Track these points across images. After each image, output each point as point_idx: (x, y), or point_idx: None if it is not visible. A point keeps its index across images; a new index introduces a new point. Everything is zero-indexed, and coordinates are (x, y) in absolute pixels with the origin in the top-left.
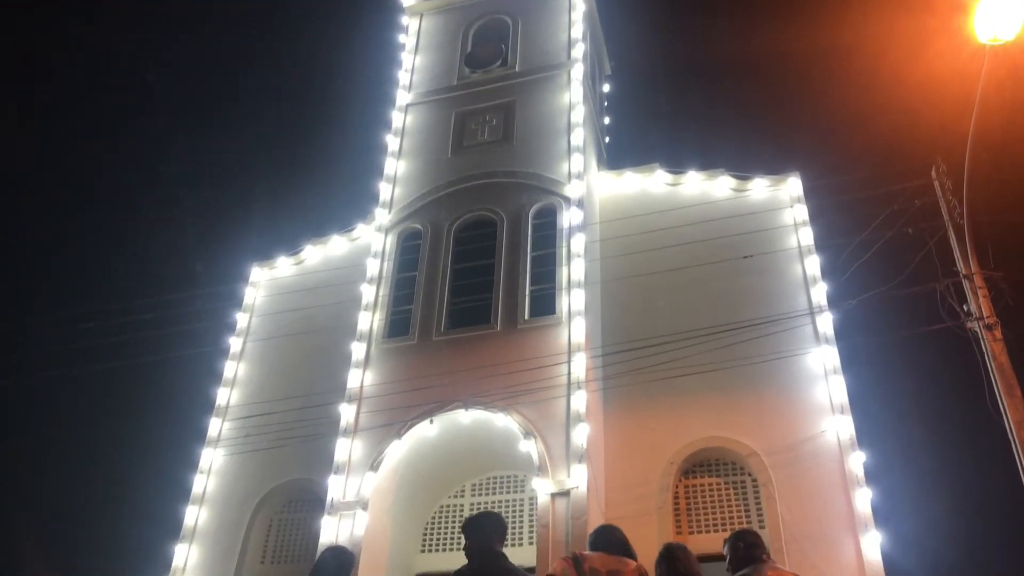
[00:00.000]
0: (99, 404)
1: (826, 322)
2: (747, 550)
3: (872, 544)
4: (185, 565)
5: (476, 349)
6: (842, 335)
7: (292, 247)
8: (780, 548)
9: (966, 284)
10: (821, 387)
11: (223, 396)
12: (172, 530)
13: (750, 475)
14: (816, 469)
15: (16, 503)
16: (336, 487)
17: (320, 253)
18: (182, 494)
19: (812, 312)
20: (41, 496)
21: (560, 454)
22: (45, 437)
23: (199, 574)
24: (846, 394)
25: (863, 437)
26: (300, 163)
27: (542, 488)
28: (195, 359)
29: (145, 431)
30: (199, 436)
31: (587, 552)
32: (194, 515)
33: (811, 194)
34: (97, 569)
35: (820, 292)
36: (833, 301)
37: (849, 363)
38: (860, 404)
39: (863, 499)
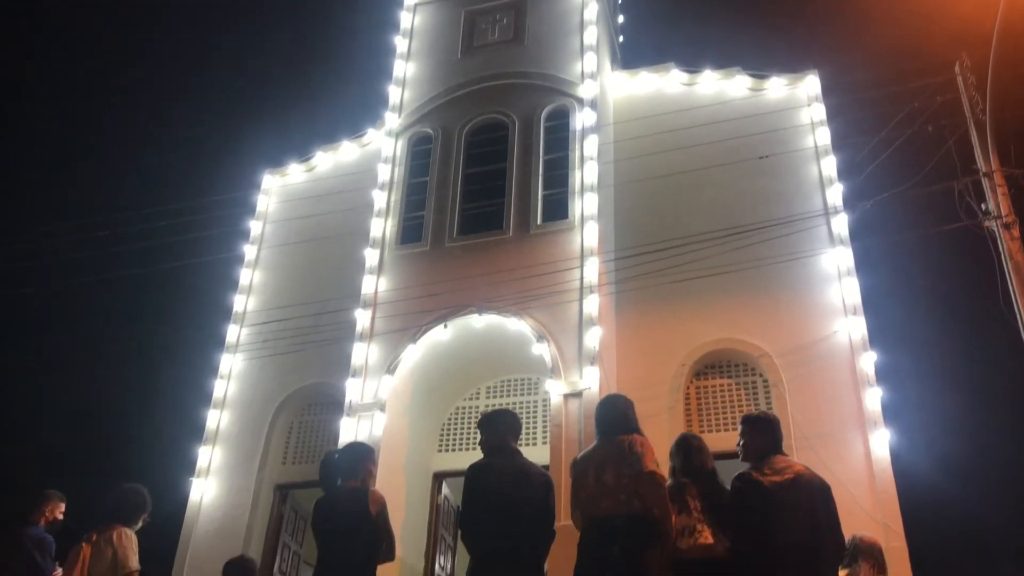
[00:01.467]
0: (119, 311)
1: (841, 223)
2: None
3: (881, 442)
4: (209, 466)
5: (489, 255)
6: (857, 236)
7: (303, 153)
8: (790, 447)
9: (985, 182)
10: (834, 288)
11: (240, 303)
12: (196, 432)
13: (761, 376)
14: (827, 369)
15: (41, 410)
16: (354, 390)
17: (331, 159)
18: (204, 398)
19: (827, 213)
20: (66, 401)
21: (573, 357)
22: (69, 343)
23: (223, 475)
24: (859, 295)
25: (875, 337)
26: (309, 68)
27: (555, 389)
28: (211, 267)
29: (165, 337)
30: (218, 342)
31: None
32: (216, 419)
33: (829, 92)
34: (125, 470)
35: (836, 193)
36: (849, 202)
37: (863, 264)
38: (873, 304)
39: (873, 398)
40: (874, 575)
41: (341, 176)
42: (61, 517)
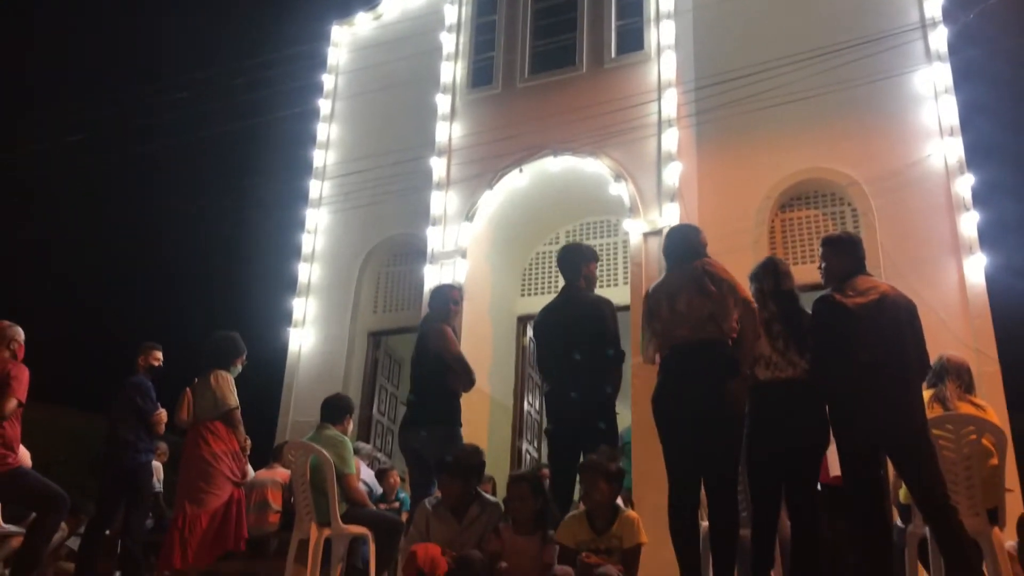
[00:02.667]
0: (203, 172)
1: (939, 37)
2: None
3: (976, 267)
4: (304, 318)
5: (562, 93)
6: (956, 50)
7: (369, 2)
8: (879, 276)
9: None
10: (929, 108)
11: (319, 158)
12: (290, 285)
13: (849, 205)
14: (920, 195)
15: (147, 269)
16: (435, 238)
17: (398, 5)
18: (294, 252)
19: (924, 26)
20: (168, 262)
21: (652, 194)
22: (162, 205)
23: (318, 324)
24: (957, 114)
25: (972, 158)
26: None
27: (634, 229)
28: (290, 122)
29: (251, 195)
30: (302, 197)
31: None
32: (307, 272)
33: None
34: (228, 323)
35: (934, 4)
36: (948, 13)
37: (962, 81)
38: (972, 124)
39: (969, 222)
40: (960, 394)
41: (409, 21)
42: (158, 364)
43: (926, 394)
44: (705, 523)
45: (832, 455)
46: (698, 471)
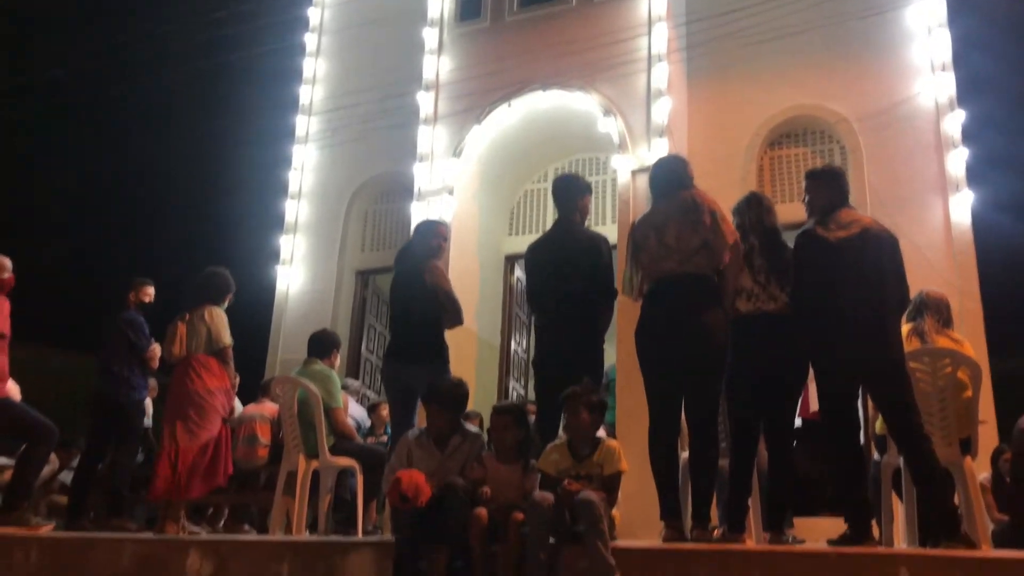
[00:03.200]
0: (188, 108)
1: None
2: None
3: (962, 205)
4: (292, 255)
5: (551, 27)
6: None
7: None
8: (866, 214)
9: None
10: (921, 44)
11: (306, 94)
12: (277, 223)
13: (838, 143)
14: (908, 132)
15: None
16: (422, 175)
17: None
18: (281, 189)
19: None
20: (149, 197)
21: (641, 131)
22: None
23: (306, 264)
24: (949, 50)
25: (964, 95)
26: None
27: (623, 166)
28: (275, 57)
29: (237, 131)
30: (288, 134)
31: None
32: (294, 209)
33: None
34: (215, 260)
35: None
36: None
37: (955, 15)
38: (964, 59)
39: (957, 160)
40: (938, 328)
41: None
42: (149, 300)
43: (905, 328)
44: (685, 454)
45: (812, 392)
46: (679, 403)
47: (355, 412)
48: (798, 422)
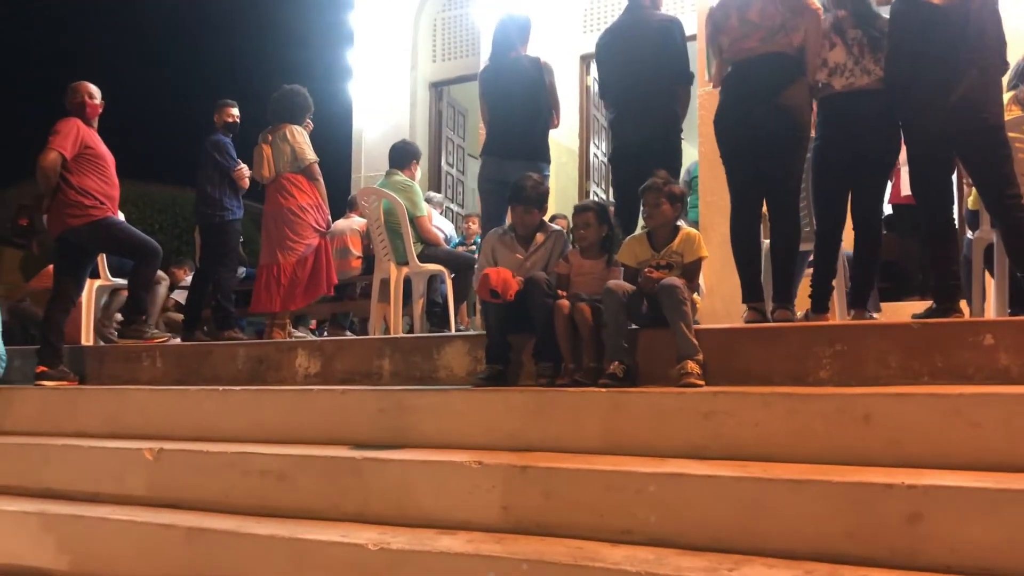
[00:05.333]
0: None
1: None
2: None
3: None
4: (364, 72)
5: None
6: None
7: None
8: None
9: None
10: None
11: None
12: (346, 39)
13: None
14: None
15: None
16: None
17: None
18: (347, 3)
19: None
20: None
21: None
22: None
23: (379, 79)
24: None
25: None
26: None
27: None
28: None
29: None
30: None
31: None
32: (362, 24)
33: None
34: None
35: None
36: None
37: None
38: None
39: None
40: None
41: None
42: (234, 120)
43: (1005, 96)
44: (767, 241)
45: (903, 178)
46: (761, 186)
47: (441, 224)
48: (888, 209)
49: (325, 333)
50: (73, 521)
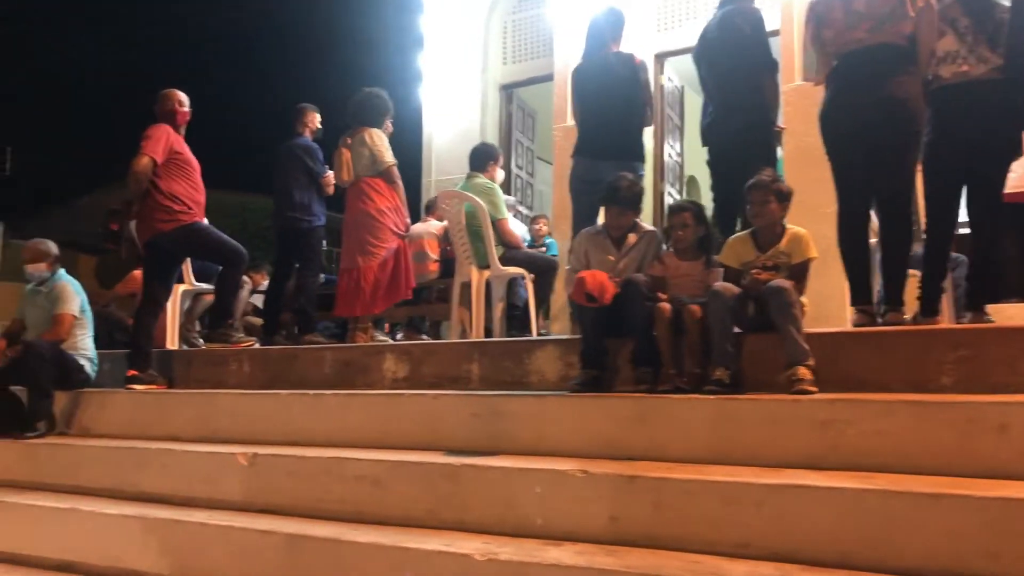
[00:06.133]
0: None
1: None
2: None
3: None
4: (434, 75)
5: None
6: None
7: None
8: None
9: None
10: None
11: None
12: (416, 43)
13: None
14: None
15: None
16: None
17: None
18: (417, 6)
19: None
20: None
21: None
22: None
23: (449, 82)
24: None
25: None
26: None
27: None
28: None
29: None
30: None
31: None
32: (432, 27)
33: None
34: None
35: None
36: None
37: None
38: None
39: None
40: None
41: None
42: (319, 126)
43: None
44: (875, 240)
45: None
46: (870, 184)
47: (516, 227)
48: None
49: (399, 336)
50: (173, 525)
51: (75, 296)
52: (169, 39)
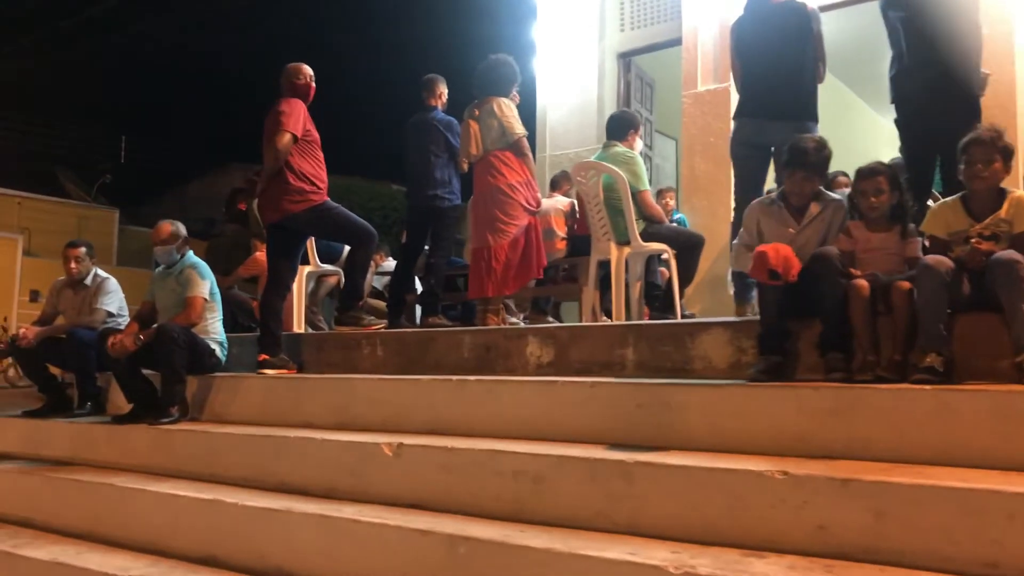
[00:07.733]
0: None
1: None
2: None
3: None
4: (549, 45)
5: None
6: None
7: None
8: None
9: None
10: None
11: None
12: (529, 12)
13: None
14: None
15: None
16: None
17: None
18: None
19: None
20: None
21: None
22: None
23: (563, 49)
24: None
25: None
26: None
27: None
28: None
29: None
30: None
31: None
32: None
33: None
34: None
35: None
36: None
37: None
38: None
39: None
40: None
41: None
42: (445, 99)
43: None
44: None
45: None
46: None
47: None
48: None
49: (523, 318)
50: (321, 521)
51: (205, 279)
52: (268, 28)
